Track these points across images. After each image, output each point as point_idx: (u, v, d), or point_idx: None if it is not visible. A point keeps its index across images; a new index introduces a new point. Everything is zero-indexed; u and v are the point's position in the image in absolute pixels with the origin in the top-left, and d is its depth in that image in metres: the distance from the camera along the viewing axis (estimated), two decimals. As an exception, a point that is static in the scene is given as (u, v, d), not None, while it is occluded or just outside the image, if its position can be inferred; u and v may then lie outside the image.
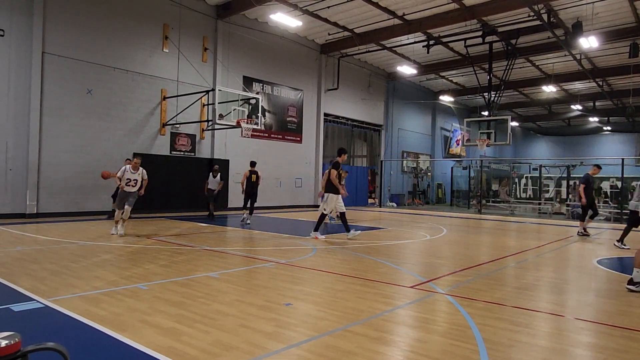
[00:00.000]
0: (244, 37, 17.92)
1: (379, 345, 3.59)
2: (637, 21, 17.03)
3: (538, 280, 6.38)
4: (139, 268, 6.29)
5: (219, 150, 17.12)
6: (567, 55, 20.58)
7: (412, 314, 4.56)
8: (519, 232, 13.09)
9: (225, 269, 6.40)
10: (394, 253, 8.43)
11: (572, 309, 5.03)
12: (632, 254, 7.95)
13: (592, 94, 28.04)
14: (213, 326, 3.92)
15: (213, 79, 16.84)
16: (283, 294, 5.11)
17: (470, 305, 4.83)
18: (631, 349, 3.64)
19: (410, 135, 28.07)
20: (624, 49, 19.08)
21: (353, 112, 23.58)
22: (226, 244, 9.00)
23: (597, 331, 4.18)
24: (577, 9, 16.11)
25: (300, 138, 20.66)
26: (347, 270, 6.57)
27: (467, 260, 7.77)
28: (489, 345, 3.61)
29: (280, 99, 19.67)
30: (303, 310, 4.54)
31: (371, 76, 24.46)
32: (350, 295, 5.16)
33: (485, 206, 23.60)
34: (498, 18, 17.35)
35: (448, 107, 31.25)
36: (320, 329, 3.92)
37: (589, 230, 12.11)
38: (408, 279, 6.10)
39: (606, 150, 36.04)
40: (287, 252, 8.01)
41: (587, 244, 10.72)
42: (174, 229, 11.11)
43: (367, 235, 11.09)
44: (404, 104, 27.05)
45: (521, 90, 27.96)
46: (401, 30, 18.27)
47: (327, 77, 21.67)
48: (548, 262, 7.91)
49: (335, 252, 8.22)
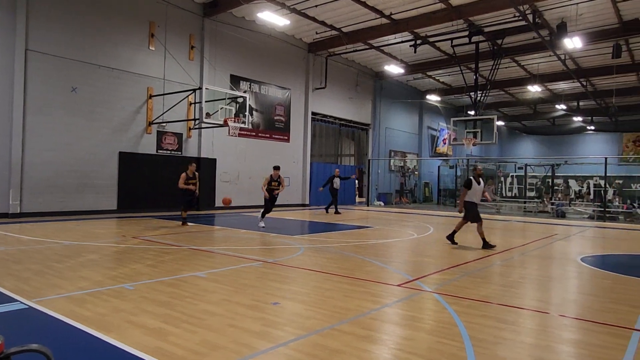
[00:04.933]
0: (231, 36, 17.82)
1: (366, 344, 3.61)
2: (620, 22, 17.32)
3: (523, 278, 6.47)
4: (125, 268, 6.23)
5: (206, 149, 17.01)
6: (552, 56, 20.85)
7: (399, 312, 4.59)
8: (505, 231, 13.24)
9: (213, 268, 6.37)
10: (382, 252, 8.46)
11: (557, 306, 5.11)
12: (620, 251, 8.12)
13: (576, 93, 28.46)
14: (200, 326, 3.90)
15: (200, 77, 16.72)
16: (271, 293, 5.10)
17: (457, 303, 4.88)
18: (614, 345, 3.71)
19: (397, 134, 28.20)
20: (607, 50, 19.38)
21: (341, 111, 23.61)
22: (213, 244, 8.95)
23: (580, 328, 4.25)
24: (562, 10, 16.33)
25: (287, 137, 20.62)
26: (335, 269, 6.58)
27: (454, 259, 7.84)
28: (475, 343, 3.65)
29: (268, 98, 19.61)
30: (291, 309, 4.53)
31: (359, 75, 24.51)
32: (338, 294, 5.17)
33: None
34: (484, 18, 17.51)
35: (435, 107, 31.46)
36: (308, 328, 3.93)
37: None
38: (395, 278, 6.13)
39: (590, 149, 36.62)
40: (274, 252, 7.99)
41: (571, 241, 10.88)
42: (161, 229, 11.01)
43: (354, 234, 11.13)
44: (392, 103, 27.17)
45: (507, 90, 28.25)
46: (388, 30, 18.33)
47: (314, 76, 21.66)
48: (533, 259, 8.02)
49: (322, 251, 8.23)
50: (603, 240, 11.67)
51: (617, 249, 10.04)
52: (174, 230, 10.85)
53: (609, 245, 10.73)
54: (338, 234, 10.95)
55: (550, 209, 20.79)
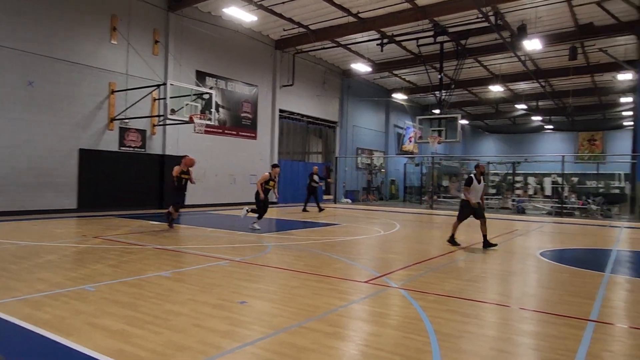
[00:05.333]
0: (196, 31, 17.49)
1: (334, 341, 3.63)
2: (576, 26, 18.04)
3: (485, 273, 6.66)
4: (86, 269, 6.02)
5: (170, 147, 16.65)
6: (513, 57, 21.51)
7: (366, 309, 4.63)
8: (468, 227, 13.56)
9: (178, 267, 6.24)
10: (349, 249, 8.53)
11: (517, 299, 5.29)
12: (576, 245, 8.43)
13: (535, 94, 29.49)
14: (165, 326, 3.82)
15: (164, 72, 16.34)
16: (238, 292, 5.05)
17: (422, 298, 4.97)
18: (571, 336, 3.87)
19: (364, 132, 28.45)
20: (564, 52, 20.17)
21: (308, 108, 23.61)
22: (178, 242, 8.78)
23: (540, 320, 4.41)
24: (522, 13, 16.87)
25: (255, 134, 20.45)
26: (302, 266, 6.58)
27: (419, 255, 7.99)
28: (440, 337, 3.73)
29: (235, 95, 19.38)
30: (258, 307, 4.50)
31: (326, 73, 24.56)
32: (305, 291, 5.17)
33: (437, 202, 24.31)
34: (449, 19, 17.87)
35: (401, 105, 31.90)
36: (276, 326, 3.91)
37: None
38: (362, 274, 6.19)
39: (548, 147, 38.06)
40: (241, 250, 7.92)
41: (530, 236, 11.28)
42: (123, 228, 10.71)
43: (322, 232, 11.16)
44: (359, 101, 27.38)
45: (470, 89, 28.96)
46: (356, 28, 18.45)
47: (282, 73, 21.55)
48: (495, 254, 8.26)
49: (290, 248, 8.21)
50: (560, 235, 12.16)
51: (573, 243, 10.48)
52: (136, 228, 10.57)
53: (566, 240, 11.18)
54: (306, 232, 10.96)
55: (511, 205, 21.48)
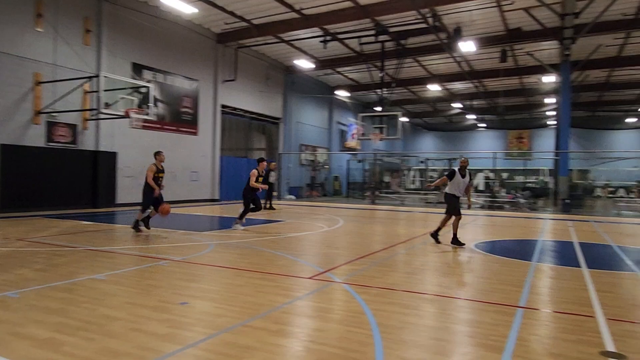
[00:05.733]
0: (133, 21, 16.68)
1: (278, 338, 3.61)
2: (507, 30, 19.11)
3: (424, 265, 6.91)
4: (9, 274, 5.58)
5: (105, 142, 15.79)
6: (449, 58, 22.44)
7: (310, 305, 4.65)
8: (408, 221, 14.04)
9: (113, 270, 5.94)
10: (293, 245, 8.52)
11: (453, 289, 5.53)
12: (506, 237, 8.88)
13: (469, 93, 30.96)
14: (99, 332, 3.62)
15: (97, 64, 15.44)
16: (178, 292, 4.89)
17: (365, 292, 5.07)
18: (503, 322, 4.10)
19: (308, 128, 28.55)
20: (495, 54, 21.32)
21: (251, 104, 23.29)
22: (114, 243, 8.36)
23: (474, 308, 4.63)
24: (458, 15, 17.61)
25: (196, 130, 19.88)
26: (246, 264, 6.49)
27: (362, 249, 8.14)
28: (382, 329, 3.82)
29: (174, 89, 18.72)
30: (200, 308, 4.39)
31: (269, 69, 24.35)
32: (249, 289, 5.10)
33: (379, 197, 24.90)
34: (390, 18, 18.29)
35: (344, 102, 32.32)
36: (219, 326, 3.83)
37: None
38: (307, 270, 6.21)
39: (481, 145, 40.14)
40: (182, 249, 7.68)
41: (466, 229, 11.83)
42: (52, 229, 10.04)
43: (266, 229, 11.08)
44: (302, 97, 27.41)
45: (410, 88, 29.86)
46: (299, 25, 18.42)
47: (224, 67, 21.09)
48: (433, 247, 8.58)
49: (233, 246, 8.08)
50: (492, 227, 12.85)
51: (504, 235, 11.12)
52: (67, 229, 9.94)
53: (497, 232, 11.84)
54: (249, 229, 10.82)
55: (448, 200, 22.39)
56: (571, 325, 4.11)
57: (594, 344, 3.59)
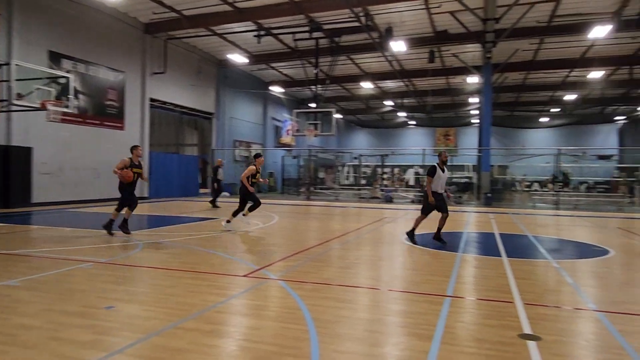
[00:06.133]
0: (49, 6, 15.43)
1: (212, 339, 3.51)
2: (434, 32, 19.96)
3: (358, 259, 7.05)
4: None
5: (18, 136, 14.51)
6: (381, 56, 23.05)
7: (245, 303, 4.58)
8: (343, 216, 14.28)
9: (29, 274, 5.48)
10: (227, 243, 8.36)
11: (386, 282, 5.69)
12: (434, 230, 9.26)
13: (400, 92, 32.03)
14: (13, 344, 3.32)
15: (7, 51, 14.11)
16: (103, 296, 4.61)
17: (301, 287, 5.07)
18: (432, 311, 4.27)
19: (242, 124, 28.08)
20: (424, 55, 22.19)
21: (182, 98, 22.48)
22: (30, 246, 7.72)
23: (406, 299, 4.80)
24: (389, 16, 18.11)
25: (122, 124, 18.85)
26: (177, 264, 6.26)
27: (297, 245, 8.15)
28: (318, 324, 3.84)
29: (98, 80, 17.60)
30: (127, 311, 4.16)
31: (201, 62, 23.62)
32: (180, 290, 4.93)
33: (313, 193, 25.09)
34: (324, 16, 18.41)
35: (279, 98, 32.15)
36: (148, 330, 3.66)
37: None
38: (241, 268, 6.11)
39: (411, 141, 41.73)
40: (108, 250, 7.26)
41: (397, 223, 12.24)
42: (-43, 232, 9.08)
43: (199, 227, 10.77)
44: (236, 92, 26.89)
45: (344, 85, 30.34)
46: (232, 18, 18.03)
47: (152, 59, 20.16)
48: (366, 241, 8.79)
49: (164, 246, 7.76)
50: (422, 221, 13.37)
51: (433, 228, 11.62)
52: (-25, 232, 9.04)
53: (427, 225, 12.34)
54: (181, 227, 10.46)
55: (381, 195, 23.10)
56: (493, 311, 4.38)
57: (513, 327, 3.85)
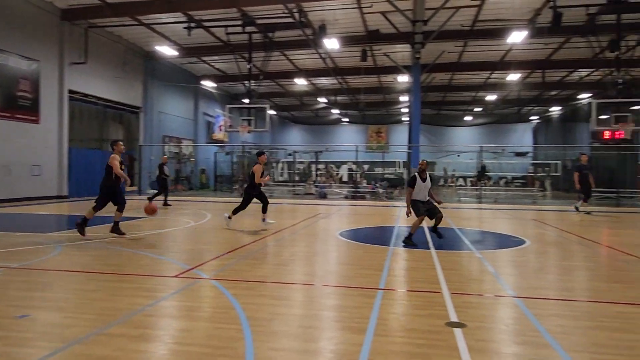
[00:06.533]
0: (-52, -16, 13.91)
1: (140, 344, 3.33)
2: (366, 31, 20.39)
3: (293, 256, 7.05)
4: None
5: None
6: (315, 53, 23.17)
7: (176, 304, 4.41)
8: (277, 213, 14.19)
9: None
10: (157, 243, 8.01)
11: (320, 277, 5.73)
12: (367, 224, 9.45)
13: (334, 89, 32.43)
14: None
15: None
16: (16, 304, 4.23)
17: (235, 286, 4.97)
18: (365, 305, 4.36)
19: (172, 119, 27.03)
20: (357, 53, 22.60)
21: (106, 91, 21.18)
22: None
23: (340, 294, 4.86)
24: (322, 13, 18.24)
25: (37, 118, 17.41)
26: (101, 267, 5.90)
27: (231, 244, 7.99)
28: (252, 322, 3.78)
29: (8, 69, 16.10)
30: (44, 320, 3.85)
31: (127, 53, 22.39)
32: (104, 294, 4.64)
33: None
34: (257, 10, 18.16)
35: (211, 93, 31.32)
36: (68, 338, 3.40)
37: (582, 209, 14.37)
38: (172, 269, 5.88)
39: (345, 138, 42.45)
40: (21, 254, 6.67)
41: (331, 219, 12.40)
42: None
43: (125, 226, 10.20)
44: (165, 86, 25.81)
45: (278, 81, 30.14)
46: (160, 8, 17.24)
47: (72, 48, 18.78)
48: (301, 238, 8.81)
49: (85, 248, 7.28)
50: (355, 216, 13.69)
51: (365, 223, 11.92)
52: None
53: (359, 220, 12.64)
54: (105, 228, 9.86)
55: (315, 191, 23.28)
56: (422, 301, 4.56)
57: (441, 316, 4.03)
